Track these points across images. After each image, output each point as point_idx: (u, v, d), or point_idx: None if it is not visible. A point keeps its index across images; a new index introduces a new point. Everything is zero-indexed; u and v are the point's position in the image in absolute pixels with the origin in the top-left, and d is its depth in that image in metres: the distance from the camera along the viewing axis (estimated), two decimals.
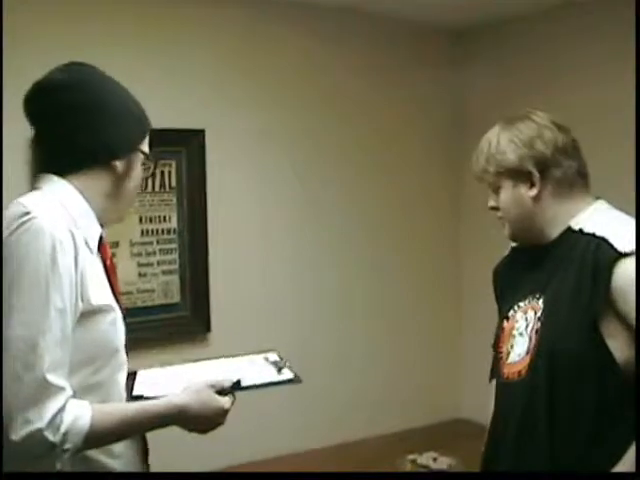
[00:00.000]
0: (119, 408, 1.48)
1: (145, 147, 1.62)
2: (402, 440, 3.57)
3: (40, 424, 1.32)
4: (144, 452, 1.63)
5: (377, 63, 3.67)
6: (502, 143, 1.76)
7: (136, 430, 1.50)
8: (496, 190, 1.80)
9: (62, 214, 1.45)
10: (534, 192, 1.74)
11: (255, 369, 1.71)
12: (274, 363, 1.75)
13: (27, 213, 1.38)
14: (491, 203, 1.83)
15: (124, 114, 1.56)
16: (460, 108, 3.92)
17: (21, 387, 1.32)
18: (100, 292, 1.48)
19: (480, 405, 2.10)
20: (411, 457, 3.30)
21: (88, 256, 1.48)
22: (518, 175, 1.74)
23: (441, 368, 3.94)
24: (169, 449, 2.17)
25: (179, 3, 3.11)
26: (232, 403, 1.55)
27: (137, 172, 1.61)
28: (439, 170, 3.92)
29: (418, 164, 3.84)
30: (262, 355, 1.82)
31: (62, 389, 1.36)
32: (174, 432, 1.54)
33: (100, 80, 1.57)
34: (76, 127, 1.50)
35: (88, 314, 1.43)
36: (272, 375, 1.68)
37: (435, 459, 3.28)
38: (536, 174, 1.73)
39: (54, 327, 1.35)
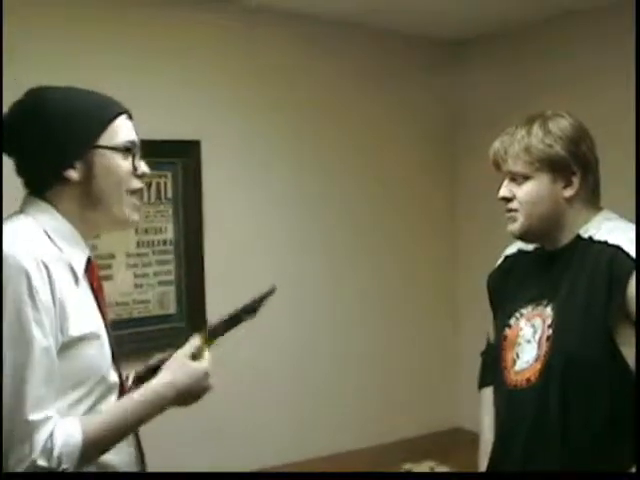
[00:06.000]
0: (105, 411, 1.46)
1: (106, 139, 1.49)
2: (399, 449, 3.57)
3: (34, 455, 1.32)
4: (140, 455, 1.61)
5: (374, 73, 3.70)
6: (548, 135, 1.68)
7: (131, 421, 1.46)
8: (518, 180, 1.70)
9: (43, 243, 1.42)
10: (571, 192, 1.69)
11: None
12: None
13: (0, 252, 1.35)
14: (505, 193, 1.73)
15: (66, 119, 1.46)
16: (455, 115, 3.95)
17: (10, 426, 1.33)
18: (83, 321, 1.44)
19: (477, 414, 2.10)
20: (408, 466, 3.30)
21: (70, 284, 1.45)
22: (559, 170, 1.68)
23: (438, 377, 3.94)
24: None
25: (175, 14, 3.11)
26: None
27: (106, 169, 1.48)
28: (434, 176, 3.94)
29: (414, 170, 3.85)
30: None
31: (47, 419, 1.35)
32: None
33: (43, 97, 1.50)
34: (27, 148, 1.48)
35: (68, 344, 1.41)
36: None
37: (432, 468, 3.28)
38: (579, 174, 1.69)
39: (37, 367, 1.34)
